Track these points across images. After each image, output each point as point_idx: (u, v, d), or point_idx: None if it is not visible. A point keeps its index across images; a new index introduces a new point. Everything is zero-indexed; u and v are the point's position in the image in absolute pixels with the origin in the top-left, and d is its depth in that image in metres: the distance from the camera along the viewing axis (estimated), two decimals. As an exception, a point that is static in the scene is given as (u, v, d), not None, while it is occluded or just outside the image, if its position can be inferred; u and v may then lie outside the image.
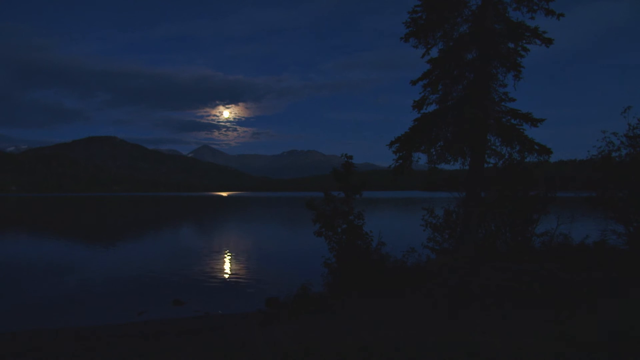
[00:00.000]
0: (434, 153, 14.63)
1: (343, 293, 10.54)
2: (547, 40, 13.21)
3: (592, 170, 12.98)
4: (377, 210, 66.29)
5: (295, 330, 7.60)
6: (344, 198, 12.03)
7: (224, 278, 17.81)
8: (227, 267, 20.44)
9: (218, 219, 58.86)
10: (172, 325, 11.12)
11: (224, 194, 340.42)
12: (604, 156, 12.45)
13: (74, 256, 24.02)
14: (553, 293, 8.35)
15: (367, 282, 10.71)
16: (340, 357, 5.55)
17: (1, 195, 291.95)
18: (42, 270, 19.59)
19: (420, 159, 14.85)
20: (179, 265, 20.40)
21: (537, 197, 13.96)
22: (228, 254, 24.52)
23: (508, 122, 13.99)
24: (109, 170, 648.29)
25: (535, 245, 13.83)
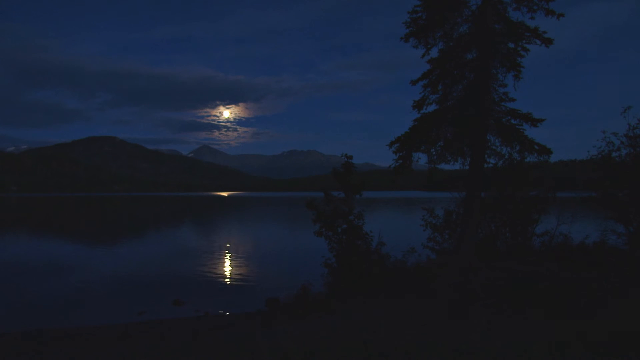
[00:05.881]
0: (434, 153, 14.63)
1: (343, 293, 10.54)
2: (547, 40, 13.19)
3: (592, 170, 12.99)
4: (377, 210, 66.28)
5: (296, 330, 7.60)
6: (344, 198, 12.03)
7: (224, 278, 17.81)
8: (227, 267, 20.45)
9: (218, 219, 58.88)
10: (172, 325, 11.13)
11: (225, 193, 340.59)
12: (604, 156, 12.46)
13: (73, 256, 24.02)
14: (553, 293, 8.35)
15: (367, 282, 10.71)
16: (341, 357, 5.55)
17: (1, 195, 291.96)
18: (42, 270, 19.59)
19: (420, 159, 14.84)
20: (179, 265, 20.41)
21: (537, 197, 13.96)
22: (228, 254, 24.53)
23: (508, 122, 13.98)
24: (109, 170, 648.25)
25: (535, 245, 13.83)
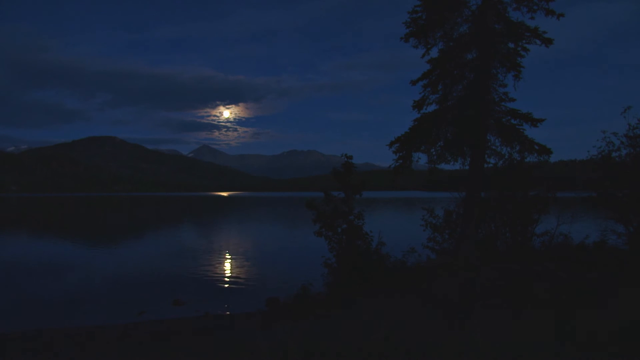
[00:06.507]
0: (434, 153, 14.62)
1: (343, 293, 10.54)
2: (547, 40, 13.18)
3: (592, 170, 12.97)
4: (377, 210, 66.28)
5: (296, 330, 7.60)
6: (344, 198, 12.03)
7: (224, 278, 17.81)
8: (227, 267, 20.45)
9: (218, 219, 58.87)
10: (172, 325, 11.13)
11: (225, 194, 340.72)
12: (604, 156, 12.44)
13: (74, 256, 24.03)
14: (553, 293, 8.36)
15: (367, 282, 10.71)
16: (341, 357, 5.55)
17: (1, 195, 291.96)
18: (43, 270, 19.60)
19: (420, 159, 14.83)
20: (179, 265, 20.41)
21: (537, 197, 13.96)
22: (228, 254, 24.53)
23: (508, 122, 13.97)
24: (109, 170, 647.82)
25: (535, 245, 13.82)
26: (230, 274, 18.57)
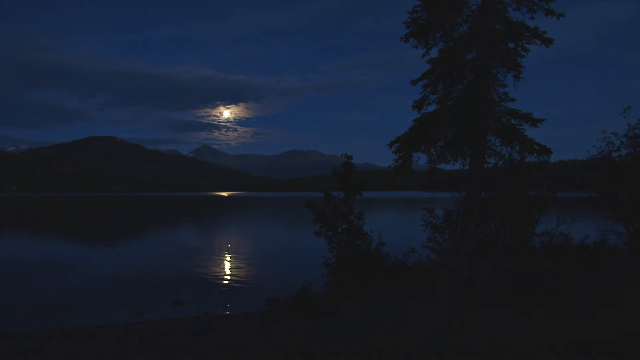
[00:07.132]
0: (434, 153, 14.62)
1: (343, 293, 10.54)
2: (547, 40, 13.18)
3: (592, 171, 12.97)
4: (377, 210, 66.28)
5: (296, 330, 7.60)
6: (344, 198, 12.03)
7: (224, 278, 17.81)
8: (227, 267, 20.45)
9: (218, 219, 58.87)
10: (172, 326, 11.13)
11: (225, 194, 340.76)
12: (604, 156, 12.44)
13: (74, 256, 24.03)
14: (553, 293, 8.35)
15: (367, 282, 10.71)
16: (341, 357, 5.55)
17: (1, 195, 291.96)
18: (43, 270, 19.60)
19: (420, 159, 14.83)
20: (179, 265, 20.41)
21: (537, 197, 13.95)
22: (228, 254, 24.53)
23: (508, 122, 13.97)
24: (109, 170, 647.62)
25: (535, 245, 13.81)
26: (230, 274, 18.57)
